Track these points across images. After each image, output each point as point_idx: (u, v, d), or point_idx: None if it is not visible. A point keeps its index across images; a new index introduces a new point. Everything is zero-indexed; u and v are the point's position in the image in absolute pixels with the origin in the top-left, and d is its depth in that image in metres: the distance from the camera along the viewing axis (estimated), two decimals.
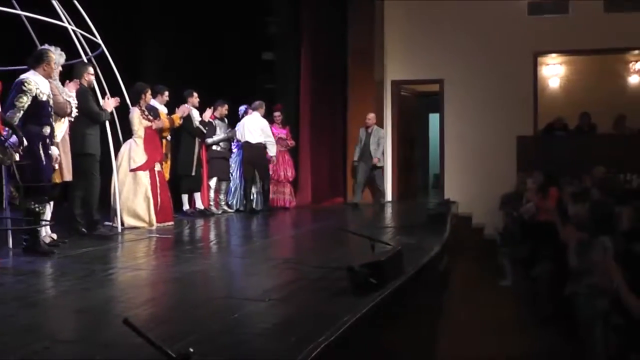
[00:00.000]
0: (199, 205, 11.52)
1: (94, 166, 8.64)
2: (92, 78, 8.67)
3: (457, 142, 14.73)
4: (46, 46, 7.58)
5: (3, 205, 7.33)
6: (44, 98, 6.90)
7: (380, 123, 14.61)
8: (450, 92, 14.83)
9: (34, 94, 6.78)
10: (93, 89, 8.78)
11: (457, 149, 14.73)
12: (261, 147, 11.89)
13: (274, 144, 12.09)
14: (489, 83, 14.47)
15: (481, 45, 14.52)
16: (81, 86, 8.39)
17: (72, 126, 8.10)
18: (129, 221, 9.32)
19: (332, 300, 4.77)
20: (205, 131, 11.39)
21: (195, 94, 11.43)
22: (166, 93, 10.77)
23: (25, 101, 6.72)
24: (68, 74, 8.21)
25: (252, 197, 12.17)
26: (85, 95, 8.42)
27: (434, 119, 17.88)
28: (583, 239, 6.87)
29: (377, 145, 13.66)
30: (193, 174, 11.25)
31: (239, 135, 11.98)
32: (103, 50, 9.35)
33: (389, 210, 13.18)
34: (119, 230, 8.94)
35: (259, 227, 10.10)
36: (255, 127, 11.85)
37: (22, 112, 6.69)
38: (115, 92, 9.28)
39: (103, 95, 9.03)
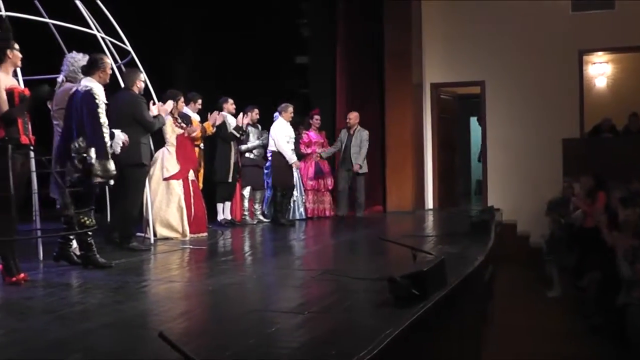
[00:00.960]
0: (227, 215, 11.54)
1: (145, 177, 8.73)
2: (143, 85, 8.72)
3: (499, 146, 14.61)
4: (74, 53, 7.71)
5: (32, 216, 7.40)
6: (103, 106, 7.02)
7: (419, 127, 14.57)
8: (491, 94, 14.73)
9: (101, 105, 6.93)
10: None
11: (500, 154, 14.61)
12: (282, 155, 11.72)
13: (287, 151, 11.73)
14: (533, 84, 14.34)
15: (523, 45, 14.41)
16: (133, 93, 8.46)
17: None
18: (162, 232, 9.36)
19: (373, 312, 4.74)
20: (239, 136, 11.42)
21: (230, 101, 11.51)
22: (199, 100, 10.83)
23: (104, 114, 6.90)
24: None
25: (288, 207, 12.18)
26: (139, 103, 8.49)
27: (475, 122, 17.80)
28: (633, 246, 6.76)
29: (359, 148, 12.84)
30: (230, 180, 11.30)
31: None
32: (133, 57, 9.43)
33: (430, 219, 13.10)
34: (152, 241, 9.00)
35: (296, 238, 10.09)
36: (272, 133, 11.82)
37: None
38: (146, 100, 9.34)
39: None
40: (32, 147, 6.33)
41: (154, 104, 8.99)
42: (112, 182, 7.00)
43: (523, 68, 14.38)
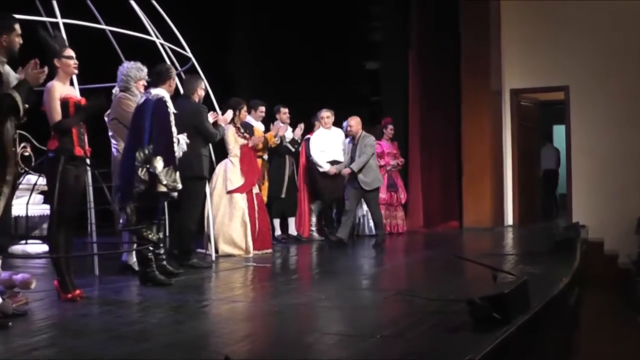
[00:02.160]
0: (292, 231, 11.54)
1: (204, 190, 8.81)
2: (203, 93, 8.78)
3: (585, 156, 14.29)
4: (126, 63, 7.86)
5: (88, 229, 7.52)
6: (172, 116, 7.16)
7: (498, 137, 14.39)
8: (576, 100, 14.44)
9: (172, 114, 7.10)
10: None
11: (585, 165, 14.29)
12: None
13: (317, 159, 11.60)
14: (621, 89, 14.00)
15: (610, 47, 14.08)
16: (193, 102, 8.53)
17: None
18: (224, 248, 9.39)
19: (451, 336, 4.66)
20: (294, 150, 11.43)
21: (283, 110, 11.50)
22: (261, 108, 10.89)
23: (173, 122, 7.06)
24: None
25: (357, 221, 12.15)
26: (200, 113, 8.56)
27: (558, 130, 17.51)
28: None
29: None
30: (282, 196, 11.34)
31: None
32: (193, 64, 9.51)
33: (509, 236, 12.92)
34: (213, 258, 9.04)
35: (367, 255, 10.03)
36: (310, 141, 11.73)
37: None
38: (208, 108, 9.41)
39: None
40: (87, 160, 6.40)
41: (215, 113, 9.04)
42: (174, 194, 7.07)
43: (611, 72, 14.05)
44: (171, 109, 7.10)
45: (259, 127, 10.67)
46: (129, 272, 7.58)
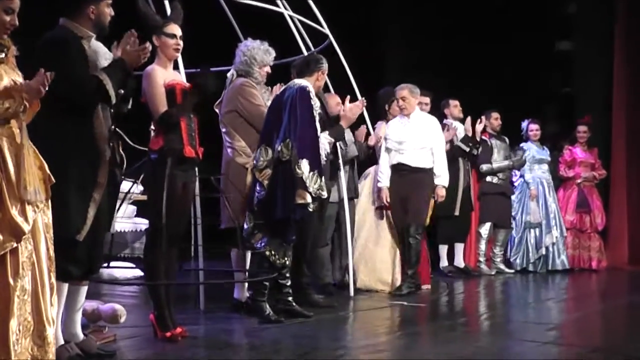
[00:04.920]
0: (460, 262, 11.48)
1: (335, 209, 9.02)
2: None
3: None
4: (249, 41, 7.92)
5: (191, 252, 7.70)
6: (317, 117, 7.33)
7: None
8: None
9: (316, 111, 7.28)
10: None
11: None
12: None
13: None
14: None
15: None
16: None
17: None
18: (365, 281, 9.47)
19: None
20: (468, 150, 11.34)
21: (453, 103, 11.49)
22: (425, 99, 10.79)
23: (317, 120, 7.28)
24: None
25: (544, 252, 12.06)
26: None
27: None
28: None
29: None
30: (456, 213, 11.28)
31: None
32: (331, 43, 9.60)
33: None
34: (351, 293, 9.10)
35: (551, 297, 9.90)
36: None
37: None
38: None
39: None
40: (198, 162, 6.51)
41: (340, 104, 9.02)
42: (311, 207, 7.15)
43: None
44: (316, 104, 7.26)
45: None
46: (243, 311, 7.71)
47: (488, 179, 11.83)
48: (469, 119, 11.35)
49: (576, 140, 12.68)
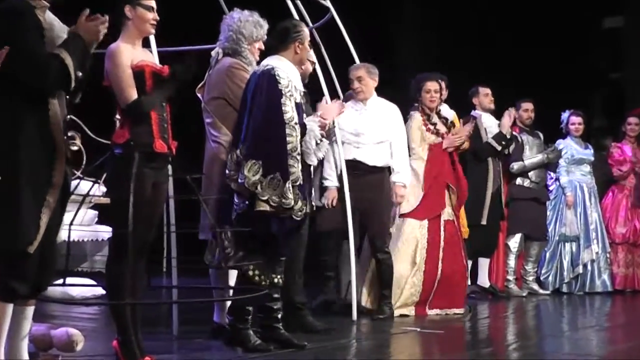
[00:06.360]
0: (484, 280, 11.44)
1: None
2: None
3: None
4: (236, 12, 7.82)
5: (164, 266, 7.67)
6: (298, 98, 7.22)
7: None
8: None
9: (290, 94, 7.11)
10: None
11: None
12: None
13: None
14: None
15: None
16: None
17: None
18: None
19: None
20: (500, 149, 11.33)
21: (483, 91, 11.44)
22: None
23: (291, 109, 7.06)
24: None
25: (581, 270, 12.02)
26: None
27: None
28: None
29: None
30: (483, 222, 11.26)
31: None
32: (333, 17, 9.57)
33: None
34: (354, 316, 9.05)
35: (592, 325, 9.87)
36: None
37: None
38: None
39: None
40: (171, 159, 6.46)
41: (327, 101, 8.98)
42: (298, 217, 7.08)
43: None
44: (290, 86, 7.07)
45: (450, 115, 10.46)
46: (224, 337, 7.63)
47: (519, 181, 11.81)
48: (506, 113, 11.32)
49: (624, 135, 12.61)
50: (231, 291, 7.51)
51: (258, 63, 7.71)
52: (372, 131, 9.34)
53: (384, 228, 9.40)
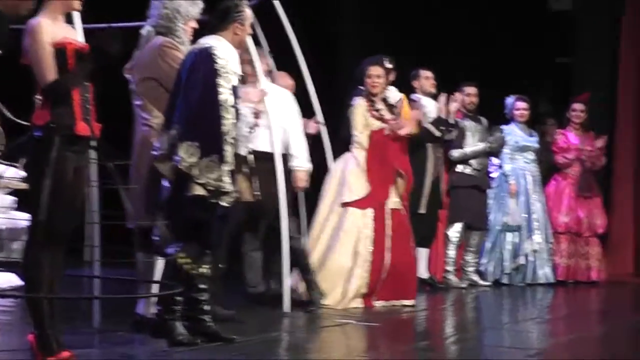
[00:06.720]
0: (423, 271, 11.48)
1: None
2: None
3: None
4: None
5: (86, 258, 7.63)
6: (235, 81, 7.20)
7: None
8: None
9: (227, 75, 7.09)
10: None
11: None
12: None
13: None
14: None
15: None
16: None
17: None
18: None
19: None
20: (440, 135, 11.35)
21: (424, 74, 11.49)
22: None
23: (227, 91, 7.05)
24: None
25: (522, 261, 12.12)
26: None
27: None
28: None
29: None
30: (422, 210, 11.28)
31: None
32: None
33: None
34: (285, 308, 9.05)
35: (535, 317, 9.97)
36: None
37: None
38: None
39: None
40: (95, 142, 6.41)
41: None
42: (227, 202, 7.07)
43: None
44: (227, 66, 7.06)
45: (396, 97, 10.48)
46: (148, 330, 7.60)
47: (459, 168, 11.87)
48: (442, 96, 11.35)
49: (569, 121, 12.70)
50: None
51: (191, 43, 7.70)
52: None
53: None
